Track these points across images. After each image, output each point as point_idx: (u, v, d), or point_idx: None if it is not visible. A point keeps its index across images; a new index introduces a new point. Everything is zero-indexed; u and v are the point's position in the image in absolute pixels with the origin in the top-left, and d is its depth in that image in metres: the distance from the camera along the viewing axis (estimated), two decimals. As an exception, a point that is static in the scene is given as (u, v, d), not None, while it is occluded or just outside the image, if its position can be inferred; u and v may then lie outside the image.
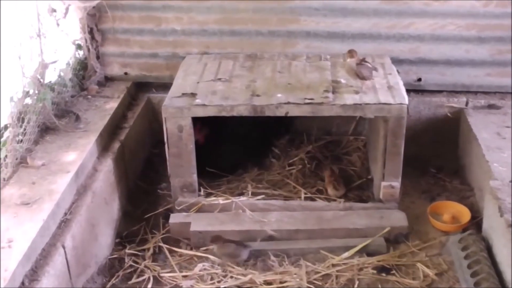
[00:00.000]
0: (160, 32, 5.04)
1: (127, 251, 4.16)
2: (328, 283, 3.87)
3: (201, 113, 4.13)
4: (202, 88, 4.34)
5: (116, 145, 4.48)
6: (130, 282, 3.94)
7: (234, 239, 4.11)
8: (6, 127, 3.85)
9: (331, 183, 4.50)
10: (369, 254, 4.07)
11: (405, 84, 4.40)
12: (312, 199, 4.46)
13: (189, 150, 4.24)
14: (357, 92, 4.18)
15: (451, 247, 4.03)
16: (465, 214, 4.34)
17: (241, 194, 4.52)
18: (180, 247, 4.21)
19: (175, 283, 3.93)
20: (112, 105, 4.75)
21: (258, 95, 4.21)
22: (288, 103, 4.11)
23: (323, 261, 4.04)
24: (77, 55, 5.01)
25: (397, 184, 4.26)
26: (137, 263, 4.07)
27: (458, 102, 4.97)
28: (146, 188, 4.77)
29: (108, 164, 4.26)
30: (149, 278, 3.96)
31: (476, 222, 4.26)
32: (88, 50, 5.01)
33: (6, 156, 3.77)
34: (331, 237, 4.18)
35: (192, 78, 4.51)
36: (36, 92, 4.14)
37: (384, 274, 3.93)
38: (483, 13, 4.77)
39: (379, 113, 4.09)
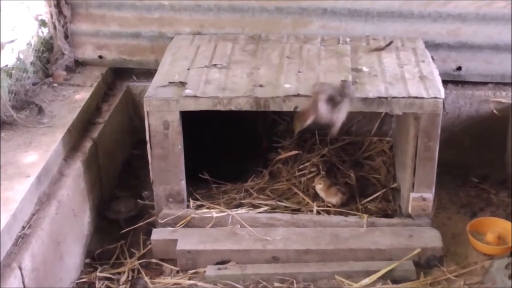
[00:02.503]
0: (144, 7, 5.03)
1: (99, 274, 4.15)
2: (344, 316, 3.89)
3: (192, 106, 4.12)
4: (194, 76, 4.33)
5: (88, 144, 4.48)
6: (102, 312, 3.96)
7: (230, 259, 4.15)
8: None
9: (332, 187, 4.49)
10: (395, 281, 4.06)
11: (441, 74, 4.38)
12: (326, 213, 4.46)
13: (177, 152, 4.23)
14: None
15: (496, 274, 4.01)
16: (514, 234, 4.34)
17: (240, 205, 4.52)
18: (163, 271, 4.22)
19: (157, 314, 3.96)
20: (83, 95, 4.75)
21: (261, 86, 4.20)
22: (298, 95, 4.09)
23: (338, 288, 4.05)
24: (41, 34, 5.00)
25: (429, 195, 4.25)
26: (111, 288, 4.09)
27: (506, 96, 4.96)
28: (123, 197, 4.76)
29: (77, 168, 4.25)
30: (125, 307, 3.97)
31: (527, 244, 4.26)
32: (54, 27, 5.01)
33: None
34: (348, 259, 4.18)
35: (181, 64, 4.50)
36: (-10, 78, 4.15)
37: (412, 306, 3.93)
38: (540, -14, 4.77)
39: (408, 109, 4.08)
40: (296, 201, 4.61)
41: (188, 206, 4.42)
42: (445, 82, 4.42)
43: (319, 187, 4.53)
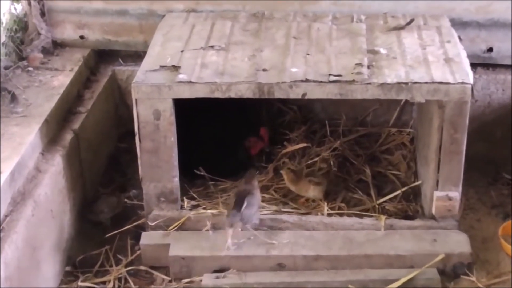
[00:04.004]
0: (131, -19, 5.06)
1: (80, 283, 4.17)
2: (359, 331, 3.90)
3: (186, 93, 4.12)
4: (188, 59, 4.33)
5: (68, 137, 4.48)
6: (84, 327, 3.98)
7: (229, 267, 4.15)
8: None
9: (304, 181, 4.52)
10: (417, 292, 4.07)
11: (470, 56, 4.37)
12: (339, 214, 4.46)
13: (169, 145, 4.23)
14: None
15: (531, 284, 4.03)
16: (552, 238, 4.35)
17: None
18: (154, 279, 4.23)
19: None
20: (62, 81, 4.75)
21: (265, 70, 4.20)
22: (307, 80, 4.09)
23: (352, 300, 4.06)
24: (14, 11, 5.00)
25: (456, 194, 4.25)
26: (94, 300, 4.10)
27: (544, 82, 4.97)
28: (104, 195, 4.76)
29: (56, 163, 4.25)
30: (110, 321, 3.99)
31: None
32: (29, 3, 5.00)
33: None
34: (364, 266, 4.18)
35: (174, 45, 4.50)
36: (-44, 61, 4.16)
37: (437, 320, 3.94)
38: None
39: (432, 96, 4.07)
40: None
41: (182, 207, 4.43)
42: (474, 66, 4.42)
43: (285, 178, 4.58)
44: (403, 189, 4.64)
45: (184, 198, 4.48)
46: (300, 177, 4.56)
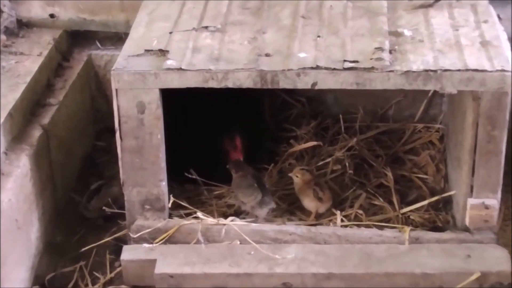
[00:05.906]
0: (111, -51, 5.07)
1: (50, 306, 4.18)
2: None
3: (175, 82, 4.11)
4: (178, 42, 4.33)
5: (36, 134, 4.48)
6: None
7: (226, 286, 4.14)
8: None
9: (310, 189, 4.53)
10: (447, 316, 4.08)
11: (511, 39, 4.38)
12: (355, 225, 4.45)
13: (156, 143, 4.23)
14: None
15: None
16: None
17: (239, 214, 4.54)
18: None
19: None
20: (29, 67, 4.75)
21: (268, 55, 4.20)
22: (317, 67, 4.08)
23: (371, 326, 4.06)
24: (-29, -15, 5.03)
25: (494, 202, 4.25)
26: (66, 326, 4.11)
27: None
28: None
29: (22, 164, 4.25)
30: None
31: None
32: (-10, -24, 5.04)
33: None
34: (384, 286, 4.18)
35: (161, 26, 4.50)
36: None
37: None
38: None
39: (465, 85, 4.06)
40: (314, 208, 4.63)
41: (170, 215, 4.43)
42: (515, 50, 4.42)
43: (296, 180, 4.59)
44: (433, 199, 4.63)
45: (173, 204, 4.47)
46: (308, 183, 4.56)
